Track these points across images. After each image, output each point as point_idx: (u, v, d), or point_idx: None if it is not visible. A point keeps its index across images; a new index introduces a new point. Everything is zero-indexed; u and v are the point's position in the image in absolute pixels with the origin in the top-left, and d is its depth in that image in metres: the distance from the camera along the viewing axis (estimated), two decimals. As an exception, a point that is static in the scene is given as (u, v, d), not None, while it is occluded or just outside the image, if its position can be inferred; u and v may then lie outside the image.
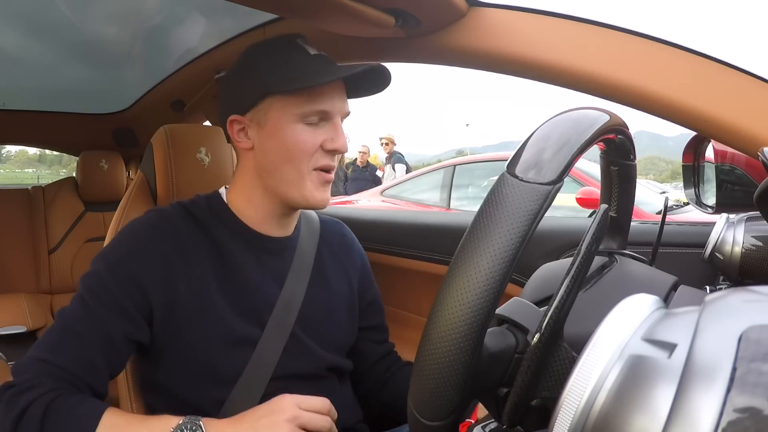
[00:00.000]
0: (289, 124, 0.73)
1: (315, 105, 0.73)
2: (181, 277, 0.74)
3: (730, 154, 0.74)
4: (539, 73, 0.75)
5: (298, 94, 0.73)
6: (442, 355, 0.34)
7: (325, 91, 0.73)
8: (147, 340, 0.74)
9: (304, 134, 0.73)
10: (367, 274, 0.96)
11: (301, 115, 0.73)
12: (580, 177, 3.76)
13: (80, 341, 0.68)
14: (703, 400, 0.21)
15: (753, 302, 0.25)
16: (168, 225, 0.76)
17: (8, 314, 1.84)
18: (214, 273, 0.76)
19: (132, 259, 0.72)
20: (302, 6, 0.79)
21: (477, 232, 0.35)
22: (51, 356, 0.67)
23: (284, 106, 0.73)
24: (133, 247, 0.73)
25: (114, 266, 0.72)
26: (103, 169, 2.18)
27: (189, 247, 0.76)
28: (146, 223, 0.76)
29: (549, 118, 0.41)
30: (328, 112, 0.74)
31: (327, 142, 0.74)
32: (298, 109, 0.73)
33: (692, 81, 0.65)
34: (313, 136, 0.74)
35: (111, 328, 0.70)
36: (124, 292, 0.70)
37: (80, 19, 1.27)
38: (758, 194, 0.58)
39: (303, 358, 0.80)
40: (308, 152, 0.74)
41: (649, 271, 0.57)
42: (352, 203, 5.07)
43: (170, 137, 0.99)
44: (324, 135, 0.74)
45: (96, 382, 0.69)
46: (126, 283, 0.71)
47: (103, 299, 0.70)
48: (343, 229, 0.97)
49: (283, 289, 0.80)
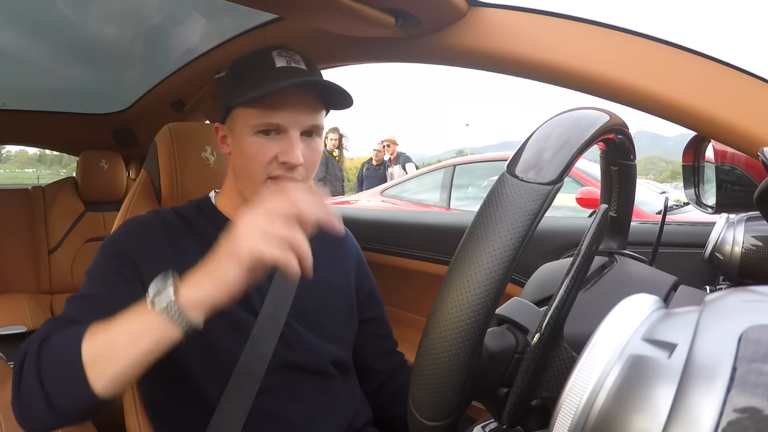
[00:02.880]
0: (246, 136, 0.76)
1: (267, 118, 0.74)
2: (172, 263, 0.75)
3: (730, 154, 0.74)
4: (539, 73, 0.75)
5: (254, 107, 0.74)
6: (442, 355, 0.34)
7: (280, 104, 0.74)
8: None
9: (256, 146, 0.75)
10: (362, 265, 0.97)
11: (255, 126, 0.75)
12: (580, 177, 3.76)
13: (91, 299, 0.71)
14: (703, 400, 0.21)
15: (753, 302, 0.25)
16: (160, 222, 0.81)
17: (8, 314, 1.84)
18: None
19: (125, 240, 0.77)
20: (302, 6, 0.79)
21: (477, 232, 0.35)
22: (60, 318, 0.68)
23: (244, 118, 0.76)
24: (129, 234, 0.79)
25: (111, 247, 0.77)
26: (103, 169, 2.18)
27: (180, 239, 0.80)
28: (140, 218, 0.82)
29: (549, 118, 0.41)
30: (281, 125, 0.74)
31: (280, 155, 0.75)
32: (254, 121, 0.74)
33: (692, 81, 0.65)
34: (267, 148, 0.75)
35: (118, 289, 0.72)
36: (122, 264, 0.74)
37: (80, 18, 1.27)
38: (758, 194, 0.58)
39: (300, 349, 0.81)
40: (261, 163, 0.75)
41: (649, 271, 0.57)
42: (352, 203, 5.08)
43: (175, 136, 0.99)
44: (277, 148, 0.75)
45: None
46: (122, 257, 0.75)
47: (104, 270, 0.74)
48: None
49: (274, 280, 0.82)
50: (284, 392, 0.79)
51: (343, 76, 25.90)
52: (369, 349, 0.95)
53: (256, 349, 0.77)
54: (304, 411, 0.80)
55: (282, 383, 0.79)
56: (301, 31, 1.02)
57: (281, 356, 0.79)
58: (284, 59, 0.76)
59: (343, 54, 0.97)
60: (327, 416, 0.82)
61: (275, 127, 0.75)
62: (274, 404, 0.78)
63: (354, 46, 0.94)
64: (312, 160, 0.78)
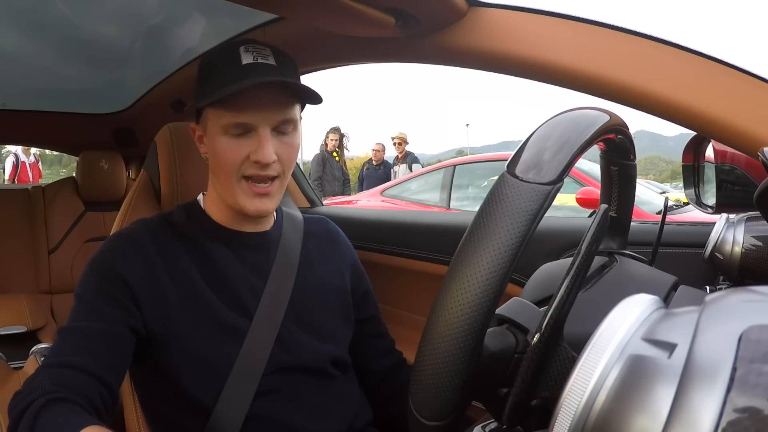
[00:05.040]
0: (216, 136, 0.75)
1: (234, 117, 0.72)
2: (164, 273, 0.76)
3: (730, 154, 0.74)
4: (539, 73, 0.75)
5: (220, 106, 0.73)
6: (442, 355, 0.34)
7: (245, 102, 0.72)
8: (142, 329, 0.74)
9: (226, 145, 0.74)
10: (357, 265, 0.97)
11: (224, 127, 0.73)
12: (580, 177, 3.76)
13: (81, 334, 0.69)
14: (703, 400, 0.21)
15: (753, 302, 0.25)
16: (147, 233, 0.79)
17: (8, 314, 1.84)
18: (197, 269, 0.79)
19: (114, 258, 0.75)
20: (302, 6, 0.79)
21: (477, 232, 0.35)
22: (55, 358, 0.67)
23: (214, 118, 0.75)
24: (115, 249, 0.77)
25: (99, 265, 0.75)
26: (103, 169, 2.18)
27: (168, 248, 0.79)
28: (128, 230, 0.81)
29: (549, 118, 0.41)
30: (249, 124, 0.73)
31: (252, 154, 0.74)
32: (222, 121, 0.73)
33: (692, 81, 0.65)
34: (237, 148, 0.74)
35: (109, 317, 0.71)
36: (111, 283, 0.73)
37: (80, 18, 1.27)
38: (758, 194, 0.58)
39: (298, 351, 0.81)
40: (233, 163, 0.74)
41: (649, 271, 0.57)
42: (352, 203, 5.07)
43: (174, 136, 0.99)
44: (249, 146, 0.74)
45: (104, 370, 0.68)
46: (110, 275, 0.74)
47: (93, 294, 0.73)
48: (327, 224, 0.98)
49: (268, 283, 0.82)
50: (284, 394, 0.79)
51: (343, 76, 25.73)
52: (366, 349, 0.95)
53: (252, 352, 0.77)
54: (304, 411, 0.80)
55: (282, 385, 0.79)
56: (301, 31, 1.02)
57: (280, 359, 0.79)
58: (251, 55, 0.74)
59: (343, 54, 0.97)
60: (327, 416, 0.82)
61: (245, 127, 0.73)
62: (274, 406, 0.78)
63: (354, 46, 0.94)
64: (287, 155, 0.77)
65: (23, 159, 7.06)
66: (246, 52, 0.74)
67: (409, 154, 6.61)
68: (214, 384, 0.75)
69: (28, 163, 7.14)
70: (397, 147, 6.62)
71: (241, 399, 0.75)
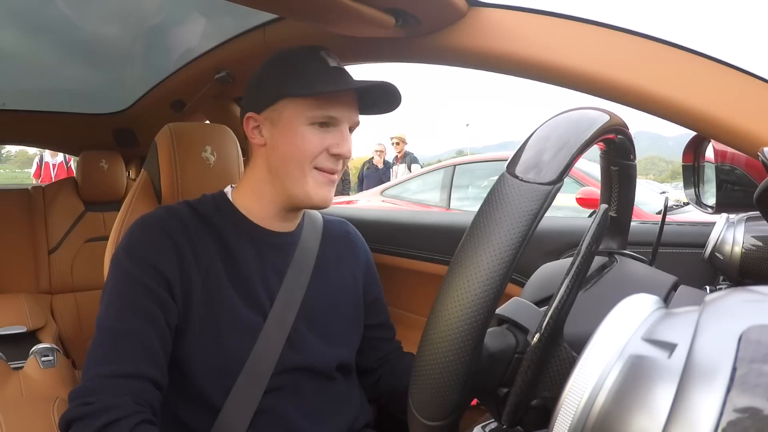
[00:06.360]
0: (300, 126, 0.78)
1: (325, 111, 0.77)
2: (193, 268, 0.77)
3: (730, 154, 0.74)
4: (539, 73, 0.75)
5: (311, 99, 0.77)
6: (442, 355, 0.34)
7: (337, 99, 0.78)
8: (174, 322, 0.75)
9: (311, 136, 0.78)
10: (371, 271, 0.98)
11: (311, 117, 0.78)
12: (580, 177, 3.76)
13: (134, 336, 0.70)
14: (703, 400, 0.21)
15: (753, 302, 0.25)
16: (176, 220, 0.79)
17: (8, 314, 1.84)
18: (221, 263, 0.79)
19: (150, 250, 0.75)
20: (302, 6, 0.79)
21: (477, 232, 0.35)
22: (115, 366, 0.68)
23: (298, 109, 0.78)
24: (149, 240, 0.76)
25: (135, 258, 0.75)
26: (103, 169, 2.17)
27: (196, 239, 0.79)
28: (157, 217, 0.79)
29: (549, 119, 0.41)
30: (337, 119, 0.79)
31: (332, 147, 0.79)
32: (310, 113, 0.77)
33: (692, 81, 0.65)
34: (320, 139, 0.78)
35: (153, 314, 0.72)
36: (151, 278, 0.73)
37: (80, 18, 1.27)
38: (758, 194, 0.58)
39: (307, 352, 0.82)
40: (313, 153, 0.78)
41: (649, 271, 0.57)
42: (352, 203, 5.07)
43: (175, 136, 0.99)
44: (331, 140, 0.79)
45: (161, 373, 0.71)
46: (151, 270, 0.74)
47: (136, 290, 0.73)
48: (347, 227, 0.99)
49: (284, 283, 0.83)
50: (287, 393, 0.80)
51: (343, 76, 25.44)
52: (372, 352, 0.96)
53: (264, 350, 0.78)
54: (305, 411, 0.80)
55: (286, 384, 0.79)
56: (301, 31, 1.02)
57: (288, 359, 0.79)
58: (334, 60, 0.81)
59: (343, 54, 0.97)
60: (328, 416, 0.82)
61: (332, 121, 0.78)
62: (276, 404, 0.78)
63: (354, 46, 0.94)
64: (350, 155, 0.82)
65: (47, 159, 7.21)
66: (328, 56, 0.81)
67: (408, 154, 6.61)
68: (224, 380, 0.76)
69: (53, 163, 7.25)
70: (395, 147, 6.62)
71: (250, 397, 0.76)
